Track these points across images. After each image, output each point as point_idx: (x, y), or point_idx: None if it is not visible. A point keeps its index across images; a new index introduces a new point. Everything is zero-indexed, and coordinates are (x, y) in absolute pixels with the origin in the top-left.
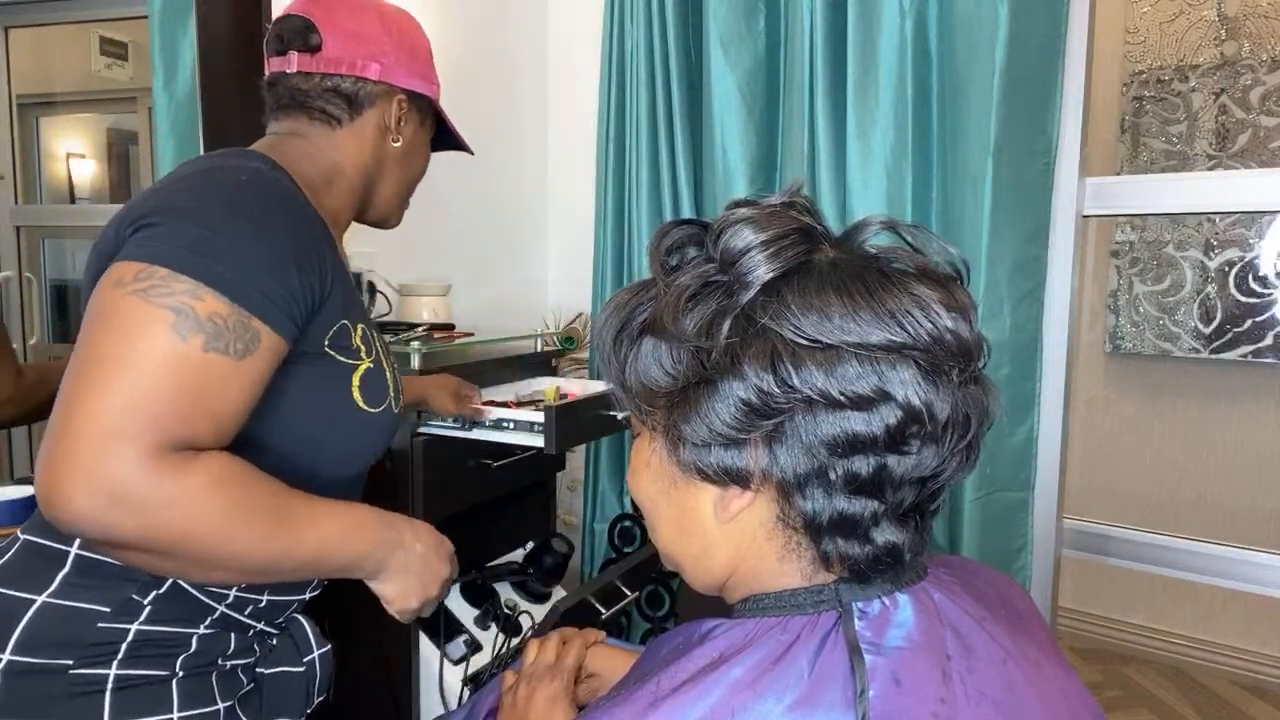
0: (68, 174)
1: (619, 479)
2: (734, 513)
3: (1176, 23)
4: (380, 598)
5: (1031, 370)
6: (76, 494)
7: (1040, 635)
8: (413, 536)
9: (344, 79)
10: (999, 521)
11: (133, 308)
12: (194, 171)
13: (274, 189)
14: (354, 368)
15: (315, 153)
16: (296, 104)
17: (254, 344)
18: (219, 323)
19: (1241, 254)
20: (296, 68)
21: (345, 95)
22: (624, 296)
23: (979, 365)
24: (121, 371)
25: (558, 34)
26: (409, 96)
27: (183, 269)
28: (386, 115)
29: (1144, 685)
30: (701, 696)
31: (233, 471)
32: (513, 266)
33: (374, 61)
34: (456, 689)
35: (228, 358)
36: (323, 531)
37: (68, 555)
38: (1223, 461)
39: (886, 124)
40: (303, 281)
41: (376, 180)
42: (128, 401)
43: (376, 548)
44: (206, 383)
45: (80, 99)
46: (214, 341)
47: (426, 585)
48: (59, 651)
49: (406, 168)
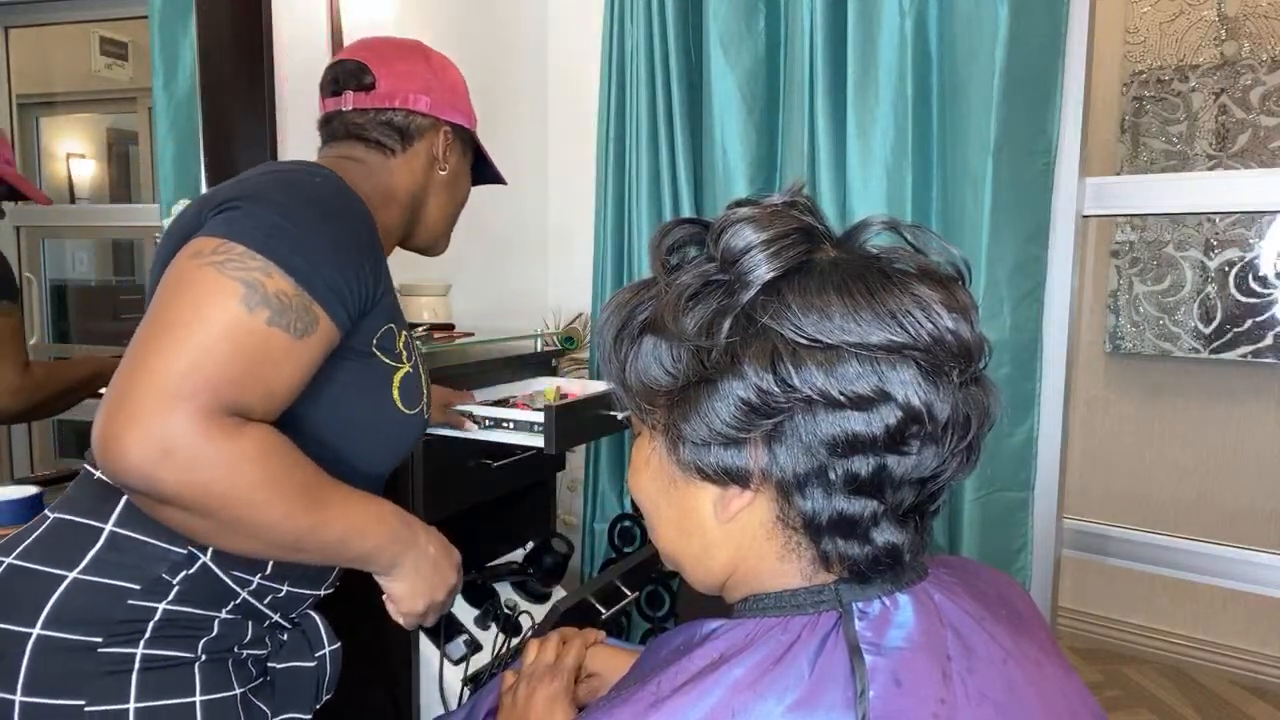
0: (68, 174)
1: (619, 479)
2: (734, 512)
3: (1176, 23)
4: (388, 597)
5: (1031, 370)
6: (132, 445)
7: (1040, 635)
8: (427, 540)
9: (396, 113)
10: (999, 521)
11: (207, 277)
12: (271, 171)
13: (345, 194)
14: (396, 369)
15: (370, 175)
16: (352, 135)
17: (312, 326)
18: (284, 300)
19: (1241, 254)
20: (352, 105)
21: (398, 128)
22: (625, 295)
23: (980, 366)
24: (188, 335)
25: (558, 34)
26: (453, 129)
27: (258, 248)
28: (434, 146)
29: (1144, 685)
30: (702, 697)
31: (277, 445)
32: (513, 266)
33: (424, 96)
34: (456, 689)
35: (288, 335)
36: (350, 517)
37: (102, 532)
38: (1223, 461)
39: (886, 124)
40: (360, 279)
41: (423, 205)
42: (189, 364)
43: (394, 542)
44: (265, 355)
45: (80, 99)
46: (278, 318)
47: (434, 589)
48: (88, 629)
49: (451, 195)
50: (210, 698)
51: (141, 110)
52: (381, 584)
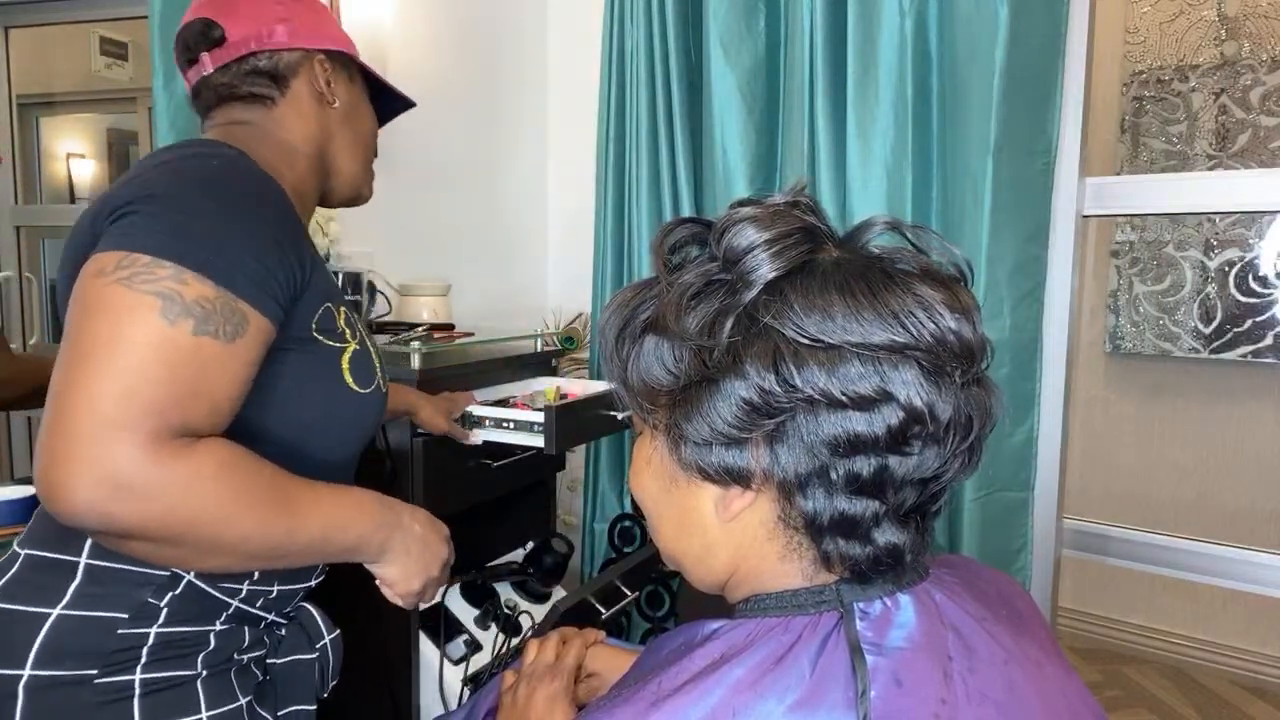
0: (68, 174)
1: (619, 479)
2: (735, 512)
3: (1176, 23)
4: (382, 583)
5: (1031, 370)
6: (79, 485)
7: (1041, 635)
8: (411, 518)
9: (258, 56)
10: (999, 521)
11: (117, 296)
12: (163, 161)
13: (247, 173)
14: (342, 350)
15: (263, 135)
16: (226, 97)
17: (243, 327)
18: (206, 306)
19: (1241, 254)
20: (212, 67)
21: (266, 72)
22: (627, 295)
23: (982, 367)
24: (113, 360)
25: (558, 34)
26: (327, 55)
27: (164, 255)
28: (314, 80)
29: (1144, 685)
30: (703, 697)
31: (235, 456)
32: (513, 266)
33: (278, 27)
34: (456, 689)
35: (218, 341)
36: (326, 514)
37: (78, 565)
38: (1223, 461)
39: (886, 124)
40: (284, 263)
41: (330, 150)
42: (123, 389)
43: (378, 529)
44: (199, 368)
45: (80, 99)
46: (203, 325)
47: (428, 565)
48: (81, 662)
49: (355, 131)
50: (216, 712)
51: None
52: (374, 571)
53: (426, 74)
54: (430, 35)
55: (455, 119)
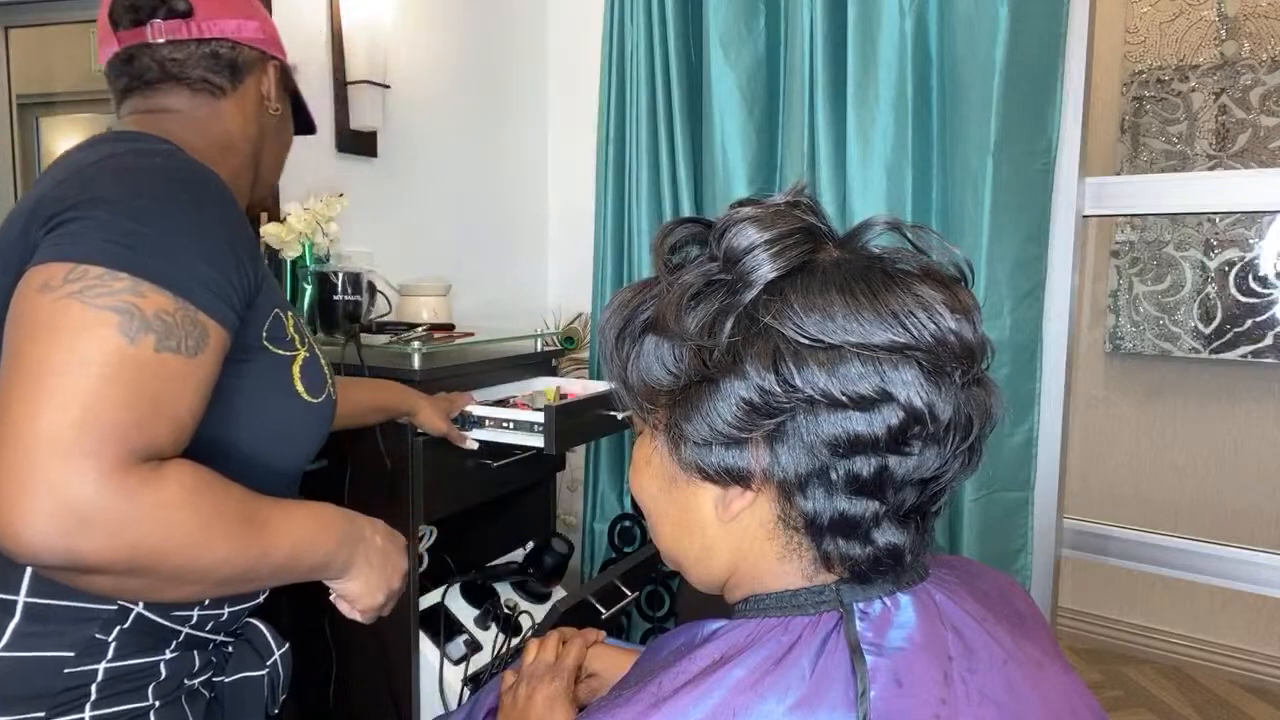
0: None
1: (619, 479)
2: (735, 512)
3: (1176, 23)
4: (344, 599)
5: (1031, 370)
6: (37, 520)
7: (1041, 636)
8: (372, 530)
9: (223, 44)
10: (999, 522)
11: (71, 312)
12: (101, 159)
13: (193, 172)
14: (292, 359)
15: (201, 128)
16: (170, 77)
17: (204, 339)
18: (167, 320)
19: (1241, 254)
20: (165, 37)
21: (227, 62)
22: (627, 295)
23: (982, 367)
24: (69, 382)
25: (558, 34)
26: (278, 65)
27: (118, 265)
28: (264, 84)
29: (1144, 685)
30: (703, 697)
31: (201, 480)
32: (513, 266)
33: (251, 22)
34: (456, 689)
35: (181, 356)
36: (295, 532)
37: (15, 605)
38: (1223, 461)
39: (886, 124)
40: (239, 269)
41: (262, 154)
42: (82, 414)
43: (343, 544)
44: (163, 386)
45: (80, 99)
46: (165, 341)
47: (389, 578)
48: (28, 705)
49: (282, 139)
50: None
51: None
52: (335, 587)
53: (426, 74)
54: (430, 36)
55: (455, 119)
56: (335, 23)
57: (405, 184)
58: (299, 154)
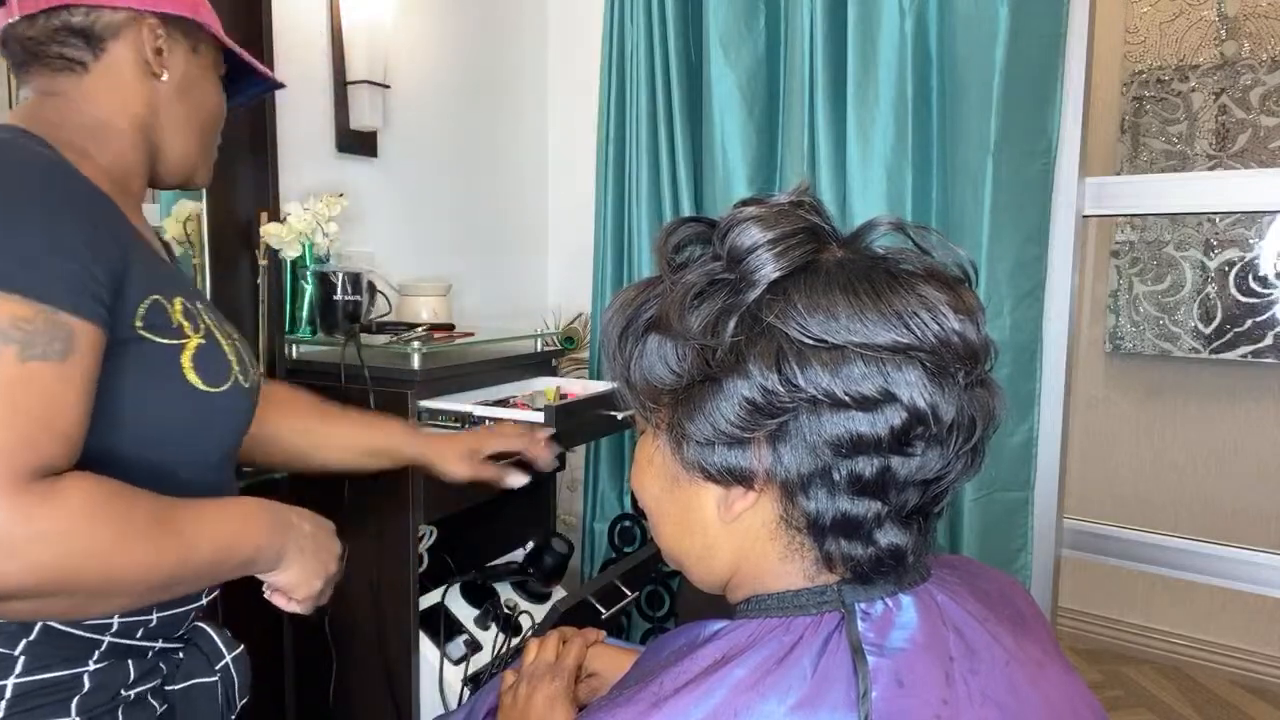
0: None
1: (619, 479)
2: (737, 512)
3: (1176, 23)
4: (278, 591)
5: (1031, 370)
6: None
7: (1042, 636)
8: (299, 517)
9: (72, 11)
10: (999, 521)
11: None
12: None
13: (31, 160)
14: (180, 348)
15: (71, 111)
16: (33, 56)
17: (70, 341)
18: (25, 326)
19: (1241, 254)
20: (18, 13)
21: (79, 30)
22: (630, 294)
23: (986, 368)
24: None
25: (558, 35)
26: (163, 20)
27: None
28: (140, 47)
29: (1144, 685)
30: (704, 697)
31: (105, 490)
32: (513, 266)
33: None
34: (456, 689)
35: (49, 363)
36: (215, 530)
37: None
38: (1223, 461)
39: (886, 124)
40: (96, 258)
41: (157, 128)
42: None
43: (272, 535)
44: (38, 397)
45: None
46: (28, 349)
47: (325, 563)
48: None
49: (191, 108)
50: None
51: None
52: (270, 580)
53: (426, 74)
54: (430, 36)
55: (455, 119)
56: (335, 23)
57: (405, 184)
58: (299, 154)
